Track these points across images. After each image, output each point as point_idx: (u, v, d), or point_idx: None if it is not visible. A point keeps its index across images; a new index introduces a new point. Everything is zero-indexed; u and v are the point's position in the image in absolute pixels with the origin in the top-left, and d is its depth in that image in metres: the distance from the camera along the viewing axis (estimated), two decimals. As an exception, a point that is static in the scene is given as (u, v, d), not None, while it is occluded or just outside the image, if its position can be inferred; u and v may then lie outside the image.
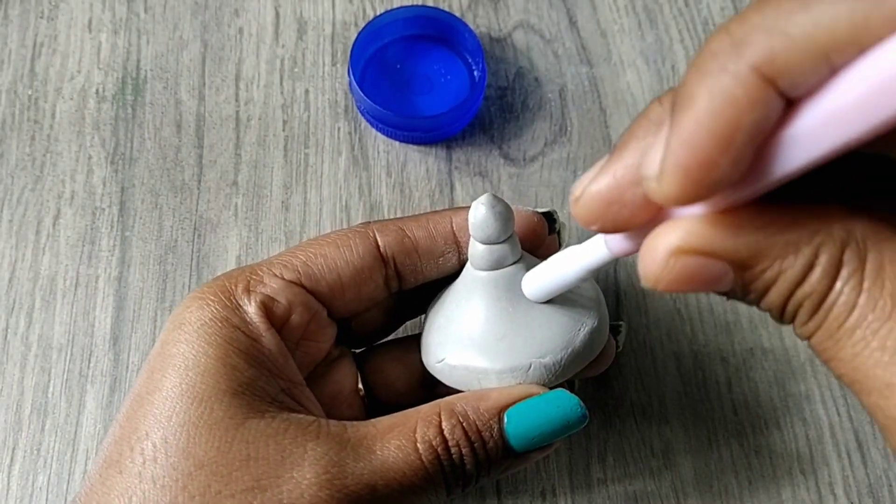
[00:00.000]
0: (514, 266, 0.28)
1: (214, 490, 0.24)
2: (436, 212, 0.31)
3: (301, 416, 0.26)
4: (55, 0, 0.43)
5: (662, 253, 0.19)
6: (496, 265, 0.28)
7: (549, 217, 0.32)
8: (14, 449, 0.35)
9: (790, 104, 0.16)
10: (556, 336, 0.28)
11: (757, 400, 0.36)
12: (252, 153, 0.40)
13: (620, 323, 0.33)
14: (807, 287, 0.18)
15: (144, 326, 0.37)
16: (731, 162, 0.17)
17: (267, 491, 0.24)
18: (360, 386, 0.32)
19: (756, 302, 0.20)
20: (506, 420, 0.27)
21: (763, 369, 0.37)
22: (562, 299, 0.29)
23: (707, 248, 0.19)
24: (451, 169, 0.40)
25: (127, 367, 0.36)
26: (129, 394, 0.27)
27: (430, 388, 0.32)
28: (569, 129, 0.41)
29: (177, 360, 0.26)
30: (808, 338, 0.19)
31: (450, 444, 0.26)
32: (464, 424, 0.26)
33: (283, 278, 0.28)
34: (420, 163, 0.40)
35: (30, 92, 0.41)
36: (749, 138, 0.16)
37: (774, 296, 0.19)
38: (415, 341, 0.33)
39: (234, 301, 0.27)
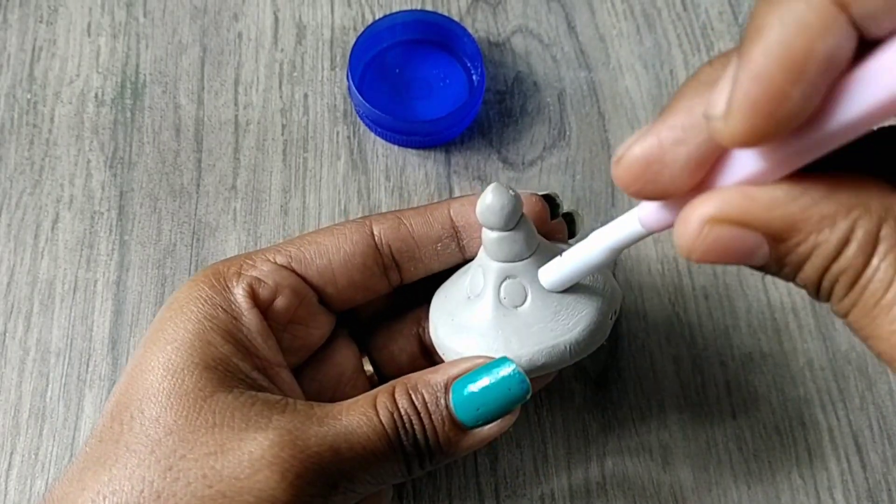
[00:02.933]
0: (527, 261, 0.28)
1: (179, 454, 0.25)
2: (434, 203, 0.32)
3: (269, 394, 0.27)
4: (54, 4, 0.43)
5: (696, 222, 0.19)
6: (509, 257, 0.28)
7: (551, 200, 0.32)
8: (12, 453, 0.35)
9: (865, 47, 0.16)
10: (556, 330, 0.28)
11: (756, 404, 0.36)
12: (251, 157, 0.40)
13: (572, 211, 0.32)
14: (842, 262, 0.18)
15: (143, 330, 0.37)
16: (802, 94, 0.16)
17: (229, 454, 0.25)
18: (369, 367, 0.33)
19: (791, 277, 0.20)
20: (452, 392, 0.27)
21: (762, 373, 0.37)
22: (570, 289, 0.29)
23: (741, 218, 0.18)
24: (450, 173, 0.40)
25: (125, 371, 0.36)
26: (122, 373, 0.28)
27: (431, 356, 0.33)
28: (567, 133, 0.41)
29: (159, 335, 0.27)
30: (845, 315, 0.19)
31: (401, 411, 0.27)
32: (412, 395, 0.27)
33: (274, 262, 0.29)
34: (419, 167, 0.40)
35: (29, 96, 0.41)
36: (822, 68, 0.16)
37: (810, 270, 0.19)
38: (410, 312, 0.33)
39: (222, 282, 0.28)
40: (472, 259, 0.31)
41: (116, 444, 0.26)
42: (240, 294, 0.28)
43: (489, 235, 0.28)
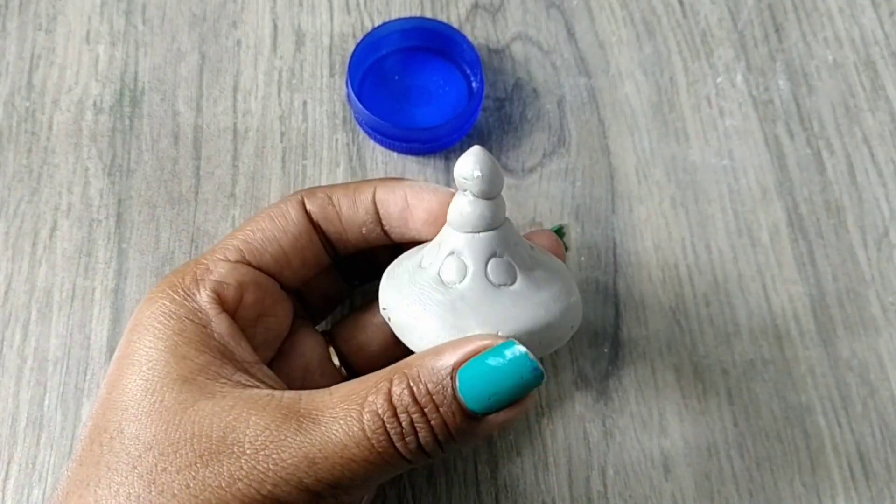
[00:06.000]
0: (499, 230, 0.27)
1: (160, 468, 0.25)
2: (364, 181, 0.31)
3: (255, 390, 0.27)
4: (53, 12, 0.43)
5: None
6: (482, 225, 0.27)
7: (559, 233, 0.32)
8: (9, 463, 0.34)
9: None
10: (537, 308, 0.27)
11: (757, 411, 0.36)
12: (250, 165, 0.40)
13: (563, 225, 0.32)
14: None
15: (141, 339, 0.36)
16: None
17: (209, 465, 0.25)
18: (337, 362, 0.33)
19: None
20: (459, 379, 0.25)
21: (763, 381, 0.37)
22: (543, 273, 0.28)
23: None
24: (450, 180, 0.40)
25: (123, 379, 0.36)
26: (99, 394, 0.28)
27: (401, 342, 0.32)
28: (567, 140, 0.41)
29: (131, 357, 0.27)
30: None
31: (398, 411, 0.25)
32: (413, 388, 0.25)
33: (228, 260, 0.29)
34: (418, 174, 0.40)
35: (27, 104, 0.41)
36: None
37: None
38: (374, 301, 0.32)
39: (182, 293, 0.28)
40: (402, 243, 0.31)
41: (97, 465, 0.26)
42: (205, 301, 0.28)
43: (474, 204, 0.27)
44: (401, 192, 0.30)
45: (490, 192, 0.27)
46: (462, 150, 0.40)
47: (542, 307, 0.27)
